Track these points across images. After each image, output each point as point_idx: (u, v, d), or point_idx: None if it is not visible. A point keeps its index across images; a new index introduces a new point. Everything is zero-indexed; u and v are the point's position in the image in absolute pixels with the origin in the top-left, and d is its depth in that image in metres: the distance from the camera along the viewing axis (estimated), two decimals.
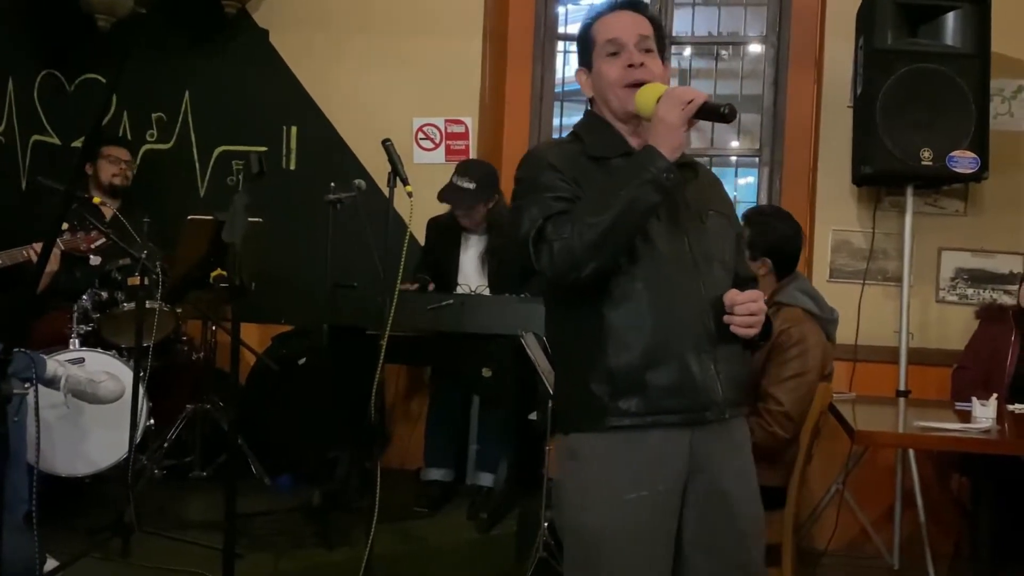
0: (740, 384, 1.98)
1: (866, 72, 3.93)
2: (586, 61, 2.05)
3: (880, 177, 3.98)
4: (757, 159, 4.90)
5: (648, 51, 1.98)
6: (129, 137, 4.73)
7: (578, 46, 2.08)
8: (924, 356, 4.07)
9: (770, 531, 2.96)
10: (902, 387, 3.94)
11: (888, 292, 4.19)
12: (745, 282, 2.08)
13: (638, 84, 1.93)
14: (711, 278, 1.95)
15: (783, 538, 2.98)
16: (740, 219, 2.50)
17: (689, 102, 1.81)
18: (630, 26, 1.99)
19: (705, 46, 5.14)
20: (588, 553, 1.89)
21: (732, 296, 1.88)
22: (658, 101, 1.85)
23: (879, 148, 3.81)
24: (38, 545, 2.02)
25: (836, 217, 4.31)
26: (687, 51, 5.15)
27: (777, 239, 3.15)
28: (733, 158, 5.21)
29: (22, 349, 2.31)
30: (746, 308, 1.86)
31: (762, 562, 2.02)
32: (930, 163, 3.76)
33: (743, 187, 6.04)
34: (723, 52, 5.22)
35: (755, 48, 4.95)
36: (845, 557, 3.93)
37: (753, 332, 1.89)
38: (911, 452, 3.83)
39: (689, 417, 1.88)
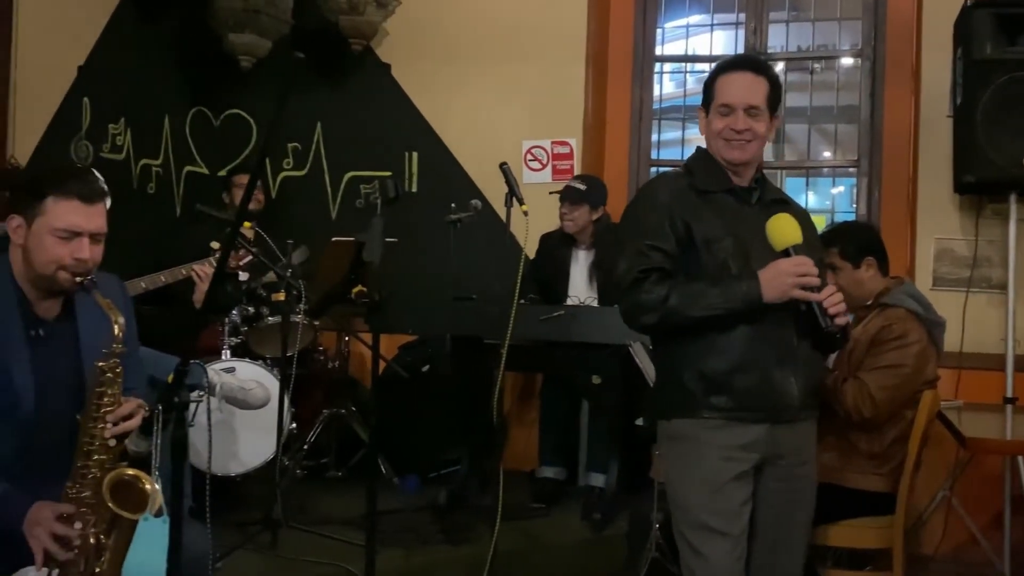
0: (815, 389, 2.25)
1: (965, 82, 3.77)
2: (706, 106, 2.28)
3: (982, 185, 3.81)
4: (852, 170, 4.73)
5: (755, 115, 2.19)
6: (268, 166, 4.90)
7: (703, 90, 2.30)
8: None
9: (879, 536, 2.88)
10: (1009, 394, 3.73)
11: (993, 300, 3.98)
12: None
13: (737, 140, 2.19)
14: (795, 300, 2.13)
15: (893, 543, 2.87)
16: (823, 241, 2.73)
17: (803, 288, 2.06)
18: (743, 95, 2.20)
19: (799, 60, 5.01)
20: (687, 515, 2.17)
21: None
22: (785, 252, 2.08)
23: (980, 157, 3.66)
24: (210, 539, 2.10)
25: (938, 226, 4.12)
26: (780, 65, 5.03)
27: (866, 237, 3.09)
28: (826, 169, 5.05)
29: (195, 361, 2.41)
30: (834, 297, 2.09)
31: (809, 531, 2.35)
32: None
33: (836, 196, 5.86)
34: (816, 65, 5.07)
35: (847, 61, 4.80)
36: (953, 563, 3.74)
37: (845, 319, 2.11)
38: (1020, 458, 3.63)
39: (768, 415, 2.13)
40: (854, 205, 4.84)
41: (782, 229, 2.11)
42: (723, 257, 2.14)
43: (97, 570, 1.94)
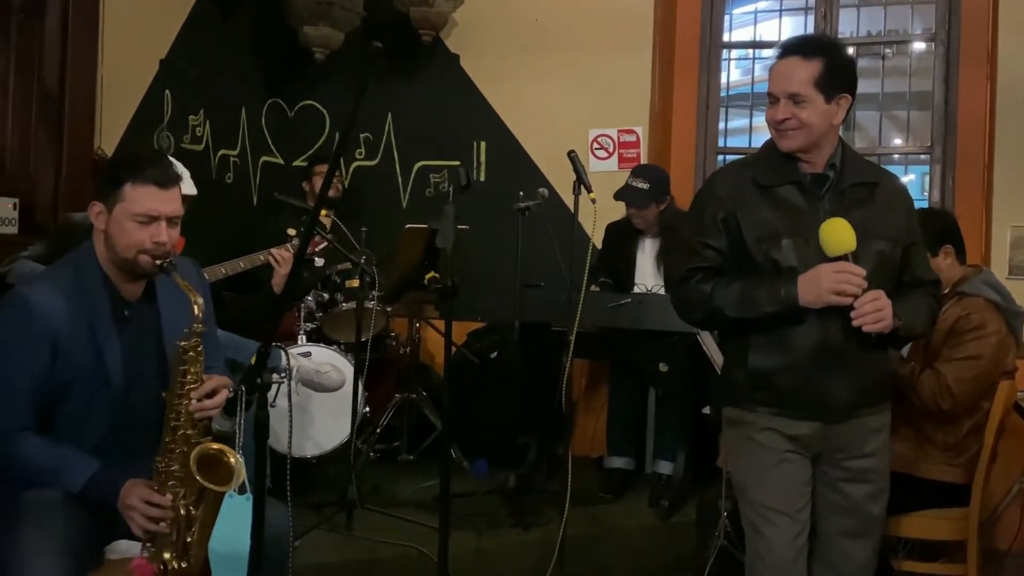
0: (870, 388, 2.14)
1: None
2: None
3: None
4: (924, 156, 4.56)
5: (800, 102, 2.05)
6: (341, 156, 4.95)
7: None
8: None
9: (953, 528, 2.78)
10: None
11: None
12: (923, 284, 2.20)
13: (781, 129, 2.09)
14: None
15: (968, 536, 2.77)
16: None
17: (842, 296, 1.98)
18: (783, 83, 2.07)
19: (870, 45, 4.84)
20: (746, 496, 2.18)
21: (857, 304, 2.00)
22: (835, 258, 1.99)
23: None
24: (291, 519, 2.13)
25: (1015, 213, 3.98)
26: (850, 51, 4.86)
27: (944, 225, 2.99)
28: (897, 156, 4.88)
29: (276, 344, 2.44)
30: (867, 306, 1.97)
31: (881, 520, 2.24)
32: None
33: (907, 184, 5.67)
34: (887, 51, 4.90)
35: (919, 46, 4.62)
36: None
37: (882, 326, 1.99)
38: None
39: (814, 415, 2.09)
40: (925, 193, 4.68)
41: (834, 236, 2.00)
42: (774, 256, 2.06)
43: (188, 540, 1.98)
